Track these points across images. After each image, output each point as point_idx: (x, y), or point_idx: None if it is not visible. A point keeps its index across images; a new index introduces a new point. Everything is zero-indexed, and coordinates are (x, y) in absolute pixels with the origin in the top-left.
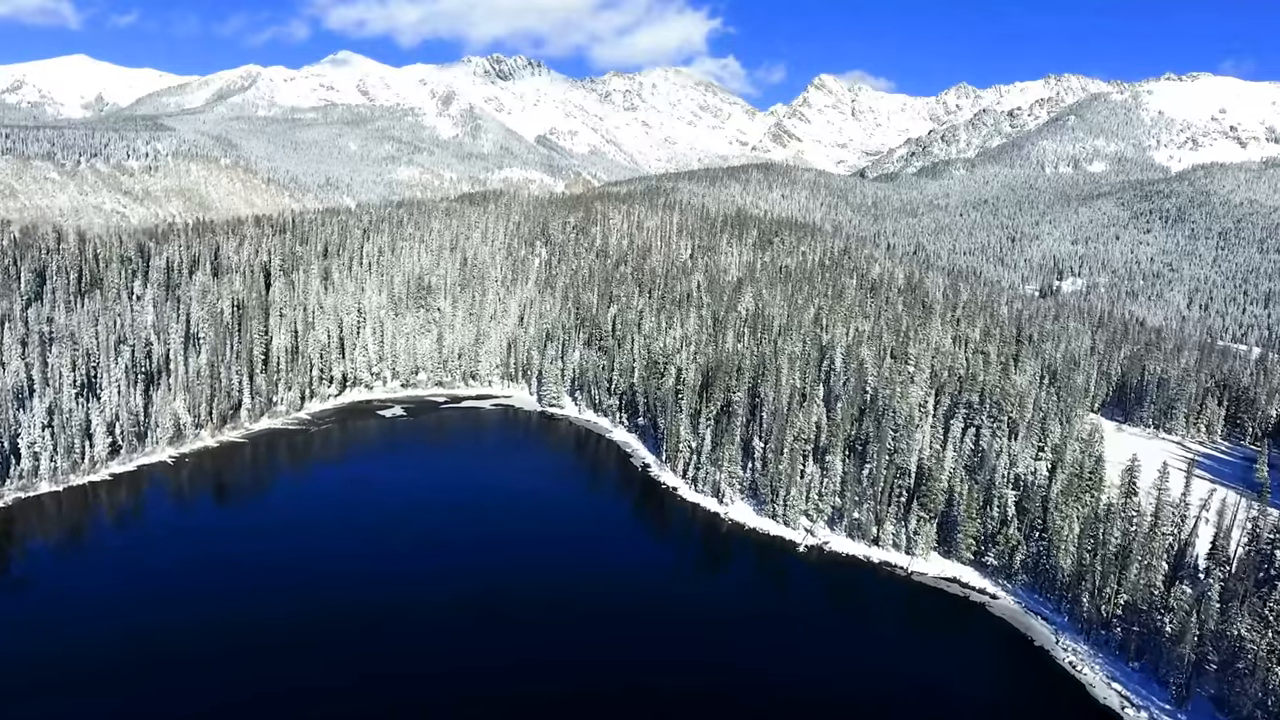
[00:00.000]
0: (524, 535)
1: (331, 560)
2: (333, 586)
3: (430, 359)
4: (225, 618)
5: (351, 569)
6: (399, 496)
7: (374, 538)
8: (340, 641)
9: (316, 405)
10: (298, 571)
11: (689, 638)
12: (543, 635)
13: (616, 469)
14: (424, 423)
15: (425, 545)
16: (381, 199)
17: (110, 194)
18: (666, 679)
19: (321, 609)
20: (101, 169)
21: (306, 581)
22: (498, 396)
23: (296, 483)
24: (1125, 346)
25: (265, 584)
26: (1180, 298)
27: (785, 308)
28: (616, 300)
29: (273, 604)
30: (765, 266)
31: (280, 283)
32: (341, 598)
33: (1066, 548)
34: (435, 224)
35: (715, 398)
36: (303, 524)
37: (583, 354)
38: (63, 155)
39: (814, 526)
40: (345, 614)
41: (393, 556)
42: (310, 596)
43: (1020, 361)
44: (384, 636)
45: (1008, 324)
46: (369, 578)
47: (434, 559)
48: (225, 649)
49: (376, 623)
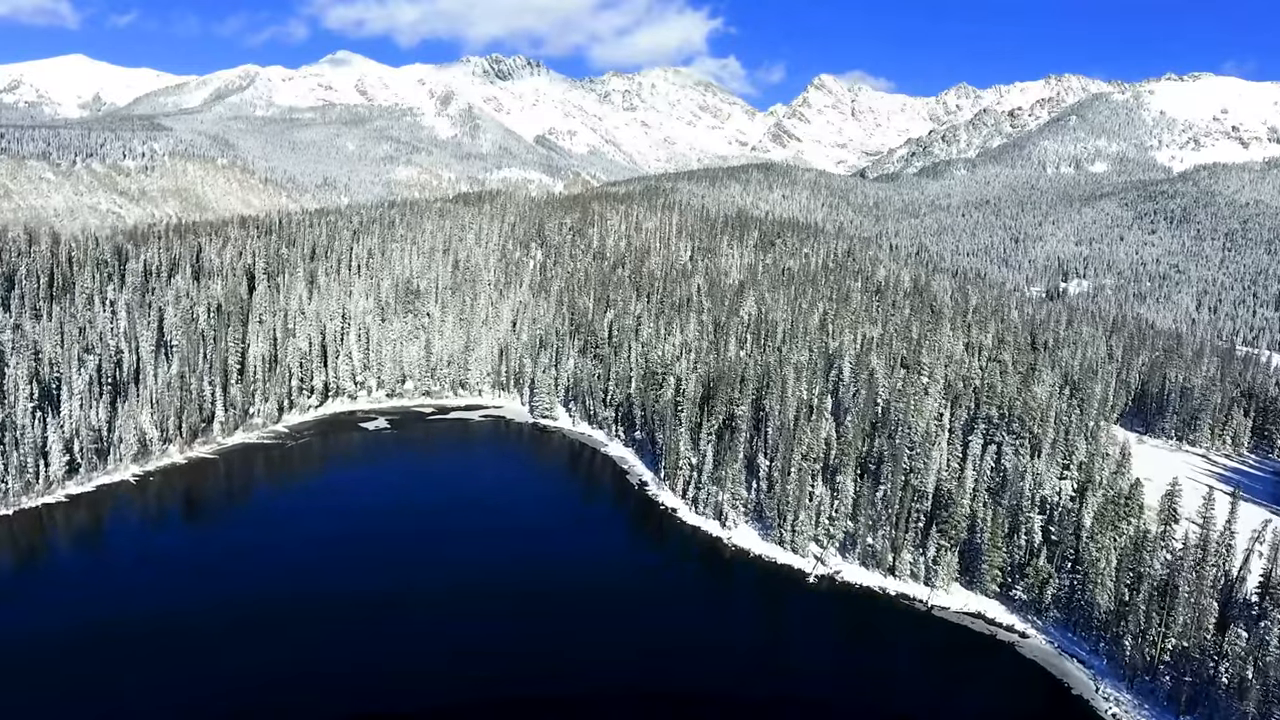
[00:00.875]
0: (510, 568)
1: (291, 601)
2: (292, 630)
3: (417, 367)
4: (179, 654)
5: (313, 609)
6: (372, 522)
7: (340, 573)
8: (307, 686)
9: (295, 417)
10: (251, 611)
11: (686, 676)
12: (526, 681)
13: (612, 487)
14: (408, 436)
15: (394, 592)
16: (379, 199)
17: (106, 194)
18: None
19: (273, 657)
20: (97, 169)
21: (260, 622)
22: (488, 407)
23: (262, 506)
24: (1143, 353)
25: (218, 621)
26: (1189, 300)
27: (789, 312)
28: (613, 305)
29: (224, 643)
30: (767, 269)
31: (264, 286)
32: (301, 645)
33: (1103, 582)
34: (428, 225)
35: (717, 411)
36: (263, 553)
37: (577, 362)
38: (58, 155)
39: (824, 553)
40: (301, 666)
41: (354, 604)
42: (264, 642)
43: (1037, 371)
44: (343, 695)
45: (1021, 330)
46: (332, 621)
47: (405, 616)
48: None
49: (338, 680)
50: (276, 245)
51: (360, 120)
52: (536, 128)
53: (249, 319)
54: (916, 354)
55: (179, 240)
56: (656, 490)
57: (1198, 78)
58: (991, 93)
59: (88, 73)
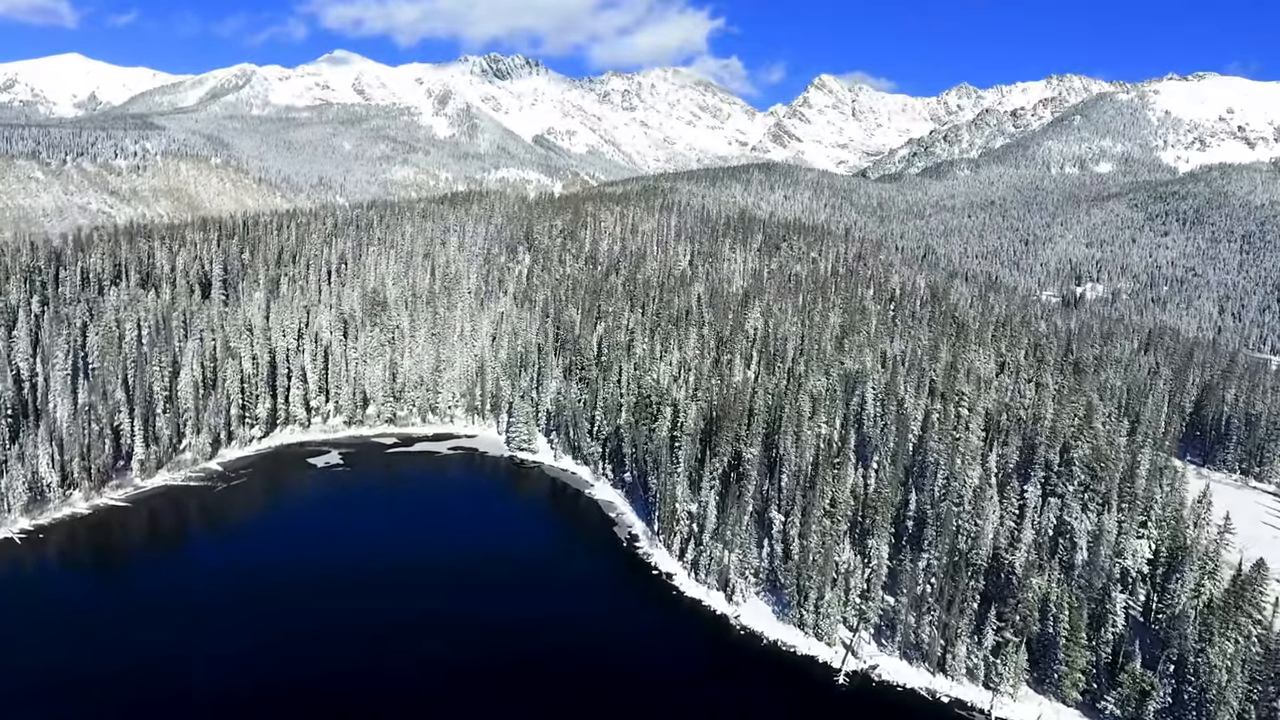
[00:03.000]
0: (465, 666)
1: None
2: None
3: (382, 389)
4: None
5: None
6: (290, 594)
7: (237, 668)
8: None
9: (234, 451)
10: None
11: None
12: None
13: (596, 542)
14: (364, 474)
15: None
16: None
17: (96, 194)
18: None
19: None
20: (88, 168)
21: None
22: (459, 436)
23: (159, 570)
24: (1192, 371)
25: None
26: (1210, 305)
27: (799, 325)
28: (604, 317)
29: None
30: (773, 275)
31: (218, 296)
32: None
33: (1225, 701)
34: (408, 227)
35: (721, 450)
36: (142, 642)
37: (561, 386)
38: (48, 154)
39: (856, 641)
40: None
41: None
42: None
43: (1081, 394)
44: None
45: (1056, 345)
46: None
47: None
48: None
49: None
50: (239, 249)
51: (357, 120)
52: (535, 127)
53: (190, 335)
54: (950, 379)
55: (127, 244)
56: (649, 548)
57: (1202, 77)
58: (993, 93)
59: (84, 72)
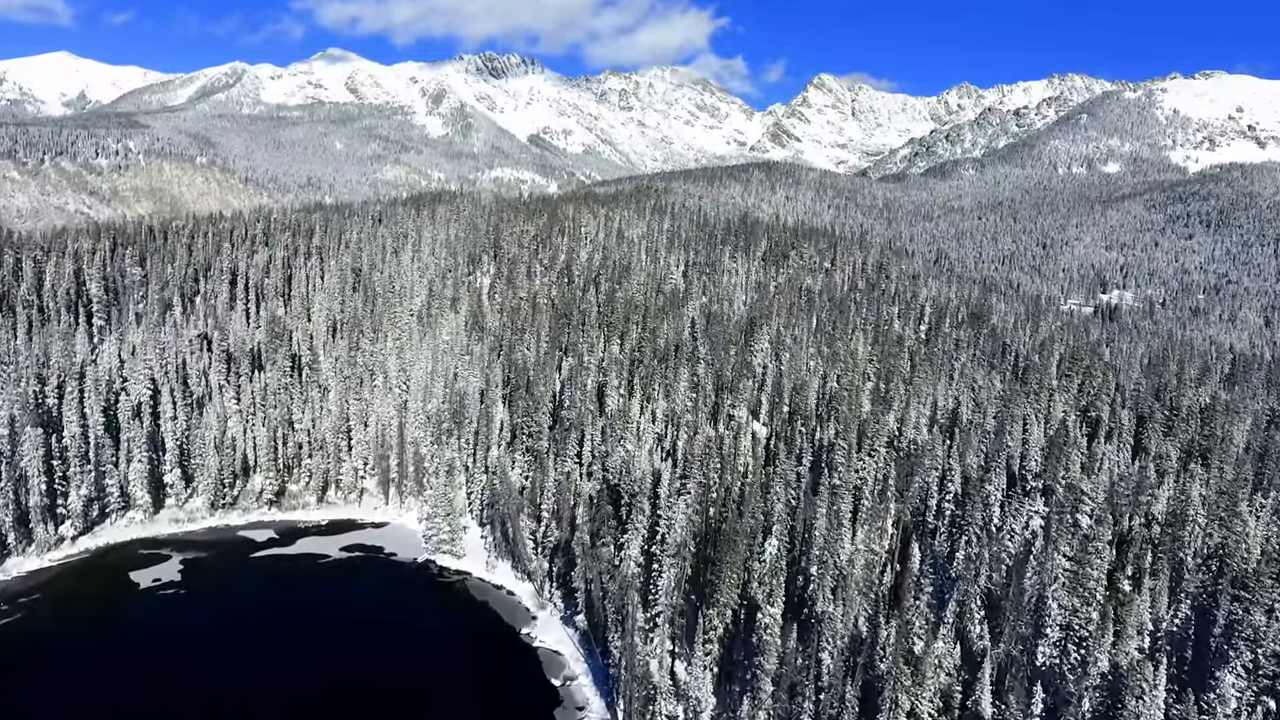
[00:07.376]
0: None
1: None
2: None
3: (267, 456)
4: None
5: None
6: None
7: None
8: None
9: (31, 562)
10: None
11: None
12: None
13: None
14: (201, 601)
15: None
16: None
17: (75, 194)
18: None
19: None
20: (67, 168)
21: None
22: (363, 526)
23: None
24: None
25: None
26: (1254, 316)
27: (819, 362)
28: (572, 351)
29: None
30: (781, 290)
31: (84, 326)
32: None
33: None
34: (353, 234)
35: (721, 592)
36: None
37: (504, 456)
38: (25, 153)
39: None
40: None
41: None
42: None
43: (1195, 464)
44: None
45: (1144, 390)
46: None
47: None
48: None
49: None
50: (139, 261)
51: (349, 119)
52: (530, 127)
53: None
54: (1054, 463)
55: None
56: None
57: (1210, 75)
58: (994, 92)
59: (73, 70)
